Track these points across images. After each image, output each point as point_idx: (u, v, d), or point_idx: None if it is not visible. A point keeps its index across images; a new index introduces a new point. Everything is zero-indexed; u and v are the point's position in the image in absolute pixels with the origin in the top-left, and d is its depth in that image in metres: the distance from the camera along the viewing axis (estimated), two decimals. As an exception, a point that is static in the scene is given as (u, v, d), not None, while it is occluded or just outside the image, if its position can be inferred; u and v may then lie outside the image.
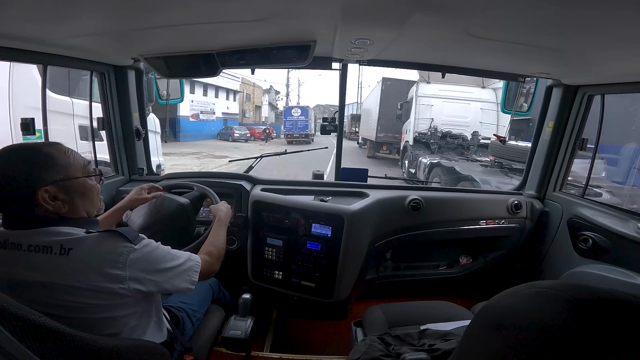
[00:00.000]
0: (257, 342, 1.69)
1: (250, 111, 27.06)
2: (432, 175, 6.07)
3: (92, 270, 0.70)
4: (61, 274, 0.70)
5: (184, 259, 0.87)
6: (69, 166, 0.76)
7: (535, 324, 0.42)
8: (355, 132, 7.26)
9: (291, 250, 1.58)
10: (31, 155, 0.73)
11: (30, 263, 0.70)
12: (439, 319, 1.17)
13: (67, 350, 0.59)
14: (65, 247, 0.70)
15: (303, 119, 18.79)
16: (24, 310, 0.55)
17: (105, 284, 0.71)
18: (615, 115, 3.77)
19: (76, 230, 0.75)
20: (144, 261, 0.77)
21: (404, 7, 0.90)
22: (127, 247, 0.74)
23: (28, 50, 1.27)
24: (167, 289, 0.82)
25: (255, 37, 1.24)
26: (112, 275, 0.72)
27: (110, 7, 0.95)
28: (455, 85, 7.57)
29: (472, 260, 1.97)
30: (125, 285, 0.73)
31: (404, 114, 8.69)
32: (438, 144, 7.36)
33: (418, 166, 6.93)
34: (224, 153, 12.75)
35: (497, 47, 1.22)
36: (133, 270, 0.74)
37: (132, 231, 0.79)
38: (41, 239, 0.71)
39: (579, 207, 1.65)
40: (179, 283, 0.84)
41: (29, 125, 1.38)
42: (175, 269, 0.83)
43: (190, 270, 0.87)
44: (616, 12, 0.79)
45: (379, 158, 11.48)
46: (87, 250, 0.71)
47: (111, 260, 0.72)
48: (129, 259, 0.74)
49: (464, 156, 6.86)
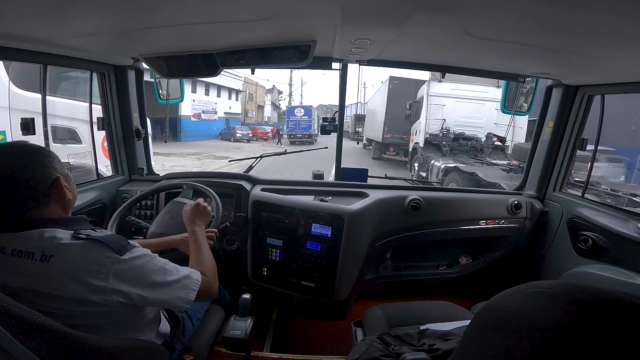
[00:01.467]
0: (257, 342, 1.69)
1: (252, 111, 26.81)
2: (448, 180, 5.67)
3: (71, 279, 0.68)
4: (39, 281, 0.68)
5: (181, 275, 0.82)
6: (59, 158, 0.81)
7: (535, 324, 0.42)
8: (356, 132, 7.05)
9: (291, 250, 1.58)
10: (35, 151, 0.75)
11: (13, 268, 0.69)
12: (439, 319, 1.17)
13: (67, 350, 0.59)
14: (47, 254, 0.69)
15: (306, 119, 18.51)
16: (24, 310, 0.55)
17: (85, 294, 0.69)
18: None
19: (63, 232, 0.73)
20: (131, 273, 0.73)
21: (404, 7, 0.90)
22: (111, 258, 0.72)
23: (28, 50, 1.27)
24: (155, 304, 0.79)
25: (255, 37, 1.24)
26: (92, 286, 0.69)
27: (111, 7, 0.95)
28: (469, 85, 7.15)
29: (472, 260, 1.97)
30: (107, 297, 0.70)
31: (413, 114, 8.32)
32: (450, 146, 6.94)
33: (430, 170, 6.53)
34: (225, 154, 12.51)
35: (497, 47, 1.22)
36: (116, 282, 0.71)
37: (121, 240, 0.76)
38: (25, 244, 0.70)
39: (579, 207, 1.65)
40: (171, 300, 0.79)
41: (29, 125, 1.38)
42: (169, 285, 0.79)
43: (186, 288, 0.81)
44: (616, 12, 0.79)
45: (385, 160, 11.03)
46: (68, 259, 0.70)
47: (92, 271, 0.70)
48: (112, 270, 0.71)
49: (478, 159, 6.54)
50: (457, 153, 6.87)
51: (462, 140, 6.97)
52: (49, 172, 0.75)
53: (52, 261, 0.69)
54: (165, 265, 0.81)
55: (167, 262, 0.82)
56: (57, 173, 0.76)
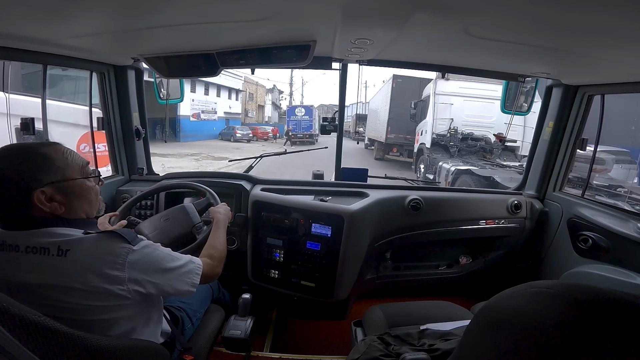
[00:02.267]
0: (257, 342, 1.69)
1: (253, 111, 26.48)
2: (460, 183, 5.39)
3: (90, 271, 0.70)
4: (59, 276, 0.69)
5: (184, 261, 0.86)
6: (67, 167, 0.76)
7: (534, 324, 0.42)
8: (356, 131, 6.87)
9: (291, 250, 1.58)
10: (27, 156, 0.72)
11: (28, 265, 0.70)
12: (438, 319, 1.17)
13: (67, 350, 0.59)
14: (63, 248, 0.70)
15: (307, 118, 18.13)
16: (24, 310, 0.55)
17: (104, 285, 0.71)
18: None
19: (73, 231, 0.74)
20: (143, 262, 0.76)
21: (404, 7, 0.90)
22: (125, 248, 0.74)
23: (28, 50, 1.27)
24: (167, 291, 0.81)
25: (255, 37, 1.24)
26: (110, 277, 0.71)
27: (111, 7, 0.95)
28: (478, 83, 6.76)
29: (472, 260, 1.97)
30: (124, 287, 0.72)
31: (418, 114, 7.97)
32: (458, 147, 6.59)
33: (438, 172, 6.22)
34: (224, 154, 12.31)
35: (497, 47, 1.22)
36: (132, 271, 0.73)
37: (131, 232, 0.78)
38: (39, 241, 0.71)
39: (579, 207, 1.65)
40: (179, 285, 0.83)
41: (29, 125, 1.38)
42: (175, 271, 0.82)
43: (191, 273, 0.86)
44: (616, 11, 0.79)
45: (388, 161, 10.69)
46: (84, 252, 0.71)
47: (109, 262, 0.72)
48: (127, 260, 0.73)
49: (487, 160, 6.28)
50: (465, 154, 6.54)
51: (471, 141, 6.59)
52: (27, 182, 0.70)
53: (69, 255, 0.70)
54: (170, 252, 0.84)
55: (169, 250, 0.85)
56: (39, 185, 0.70)
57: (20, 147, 0.75)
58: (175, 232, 1.25)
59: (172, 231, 1.25)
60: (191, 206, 1.33)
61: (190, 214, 1.30)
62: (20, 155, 0.72)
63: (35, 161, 0.72)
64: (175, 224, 1.27)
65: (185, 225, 1.27)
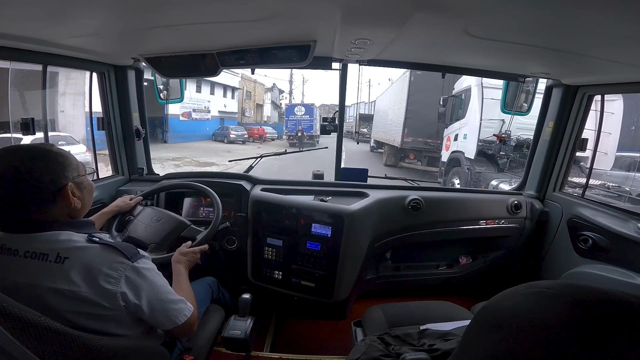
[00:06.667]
0: (257, 342, 1.69)
1: (250, 110, 25.49)
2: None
3: (83, 281, 0.70)
4: (53, 282, 0.70)
5: (178, 297, 0.86)
6: (78, 164, 0.80)
7: (535, 324, 0.42)
8: (357, 132, 6.28)
9: (291, 250, 1.58)
10: (50, 156, 0.74)
11: (26, 269, 0.70)
12: (438, 319, 1.17)
13: (67, 350, 0.59)
14: (62, 255, 0.71)
15: (307, 118, 16.72)
16: (24, 310, 0.55)
17: (95, 297, 0.71)
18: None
19: (75, 235, 0.75)
20: (138, 281, 0.76)
21: (404, 7, 0.90)
22: (123, 264, 0.74)
23: (28, 50, 1.27)
24: (147, 316, 0.79)
25: (255, 37, 1.24)
26: (103, 289, 0.72)
27: (111, 8, 0.95)
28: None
29: (472, 260, 1.97)
30: (114, 302, 0.73)
31: (448, 113, 6.25)
32: (509, 157, 5.00)
33: None
34: (212, 159, 11.20)
35: (497, 47, 1.22)
36: (125, 287, 0.74)
37: (133, 248, 0.79)
38: (39, 246, 0.71)
39: (579, 207, 1.65)
40: (162, 318, 0.81)
41: (29, 125, 1.38)
42: (166, 304, 0.82)
43: (179, 312, 0.84)
44: (616, 12, 0.79)
45: (402, 168, 8.84)
46: (82, 262, 0.71)
47: (105, 274, 0.72)
48: (123, 275, 0.74)
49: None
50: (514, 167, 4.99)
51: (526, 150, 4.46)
52: (56, 179, 0.74)
53: (67, 263, 0.71)
54: (167, 285, 0.84)
55: (167, 282, 0.85)
56: (68, 181, 0.75)
57: (34, 147, 0.75)
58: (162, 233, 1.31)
59: (159, 233, 1.30)
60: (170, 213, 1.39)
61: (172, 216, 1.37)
62: (43, 156, 0.74)
63: (57, 159, 0.75)
64: (164, 226, 1.33)
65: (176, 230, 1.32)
